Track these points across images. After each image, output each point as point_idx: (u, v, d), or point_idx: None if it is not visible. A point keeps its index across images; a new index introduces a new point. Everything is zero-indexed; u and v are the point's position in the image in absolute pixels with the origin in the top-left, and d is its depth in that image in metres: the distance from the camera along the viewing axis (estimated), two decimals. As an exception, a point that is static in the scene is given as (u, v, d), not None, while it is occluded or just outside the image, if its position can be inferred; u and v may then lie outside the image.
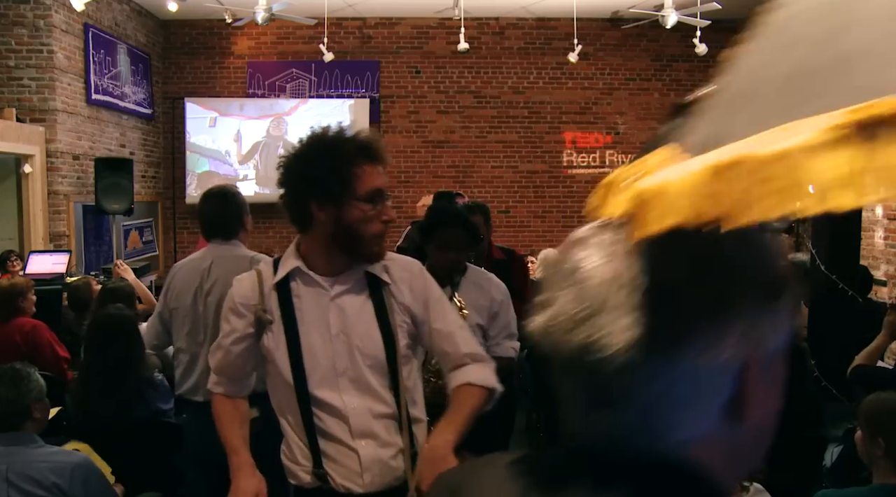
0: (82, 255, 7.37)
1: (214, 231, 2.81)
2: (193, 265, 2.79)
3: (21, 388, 2.21)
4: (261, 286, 1.72)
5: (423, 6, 9.15)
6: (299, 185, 1.62)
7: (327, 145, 1.61)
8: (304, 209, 1.61)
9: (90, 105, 7.57)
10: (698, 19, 7.56)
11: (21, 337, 3.75)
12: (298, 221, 1.67)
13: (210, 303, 2.69)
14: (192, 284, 2.73)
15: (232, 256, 2.75)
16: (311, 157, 1.64)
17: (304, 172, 1.61)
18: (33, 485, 2.06)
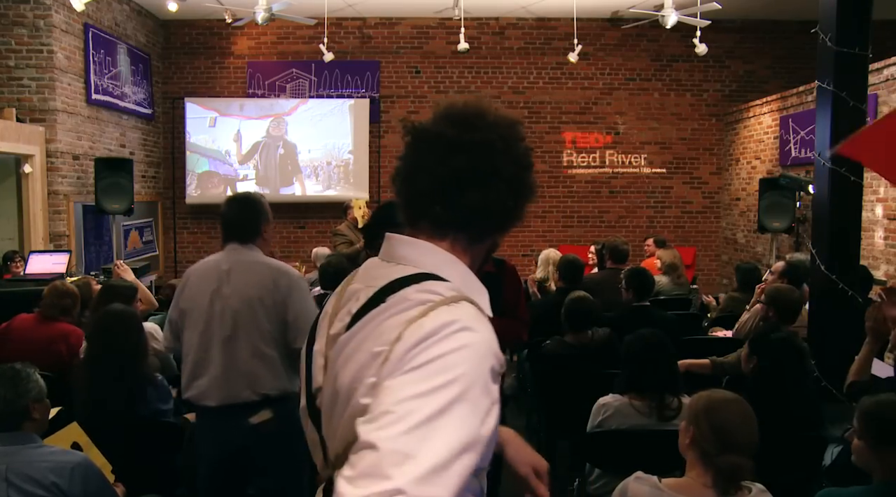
0: (82, 255, 7.38)
1: (232, 234, 2.80)
2: (210, 267, 2.76)
3: (20, 388, 2.21)
4: None
5: (423, 6, 9.15)
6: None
7: None
8: None
9: (90, 105, 7.58)
10: (698, 19, 7.56)
11: (66, 346, 3.71)
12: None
13: (227, 308, 2.65)
14: (210, 286, 2.70)
15: (252, 262, 2.73)
16: None
17: None
18: (33, 484, 2.06)
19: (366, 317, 1.03)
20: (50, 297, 3.84)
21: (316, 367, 1.14)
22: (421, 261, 1.07)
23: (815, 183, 3.95)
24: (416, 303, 0.99)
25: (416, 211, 1.12)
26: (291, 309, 2.66)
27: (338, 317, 1.11)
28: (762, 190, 7.71)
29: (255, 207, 2.81)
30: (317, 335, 1.17)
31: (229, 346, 2.64)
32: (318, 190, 9.58)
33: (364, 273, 1.16)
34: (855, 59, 3.62)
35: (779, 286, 4.16)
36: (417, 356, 0.92)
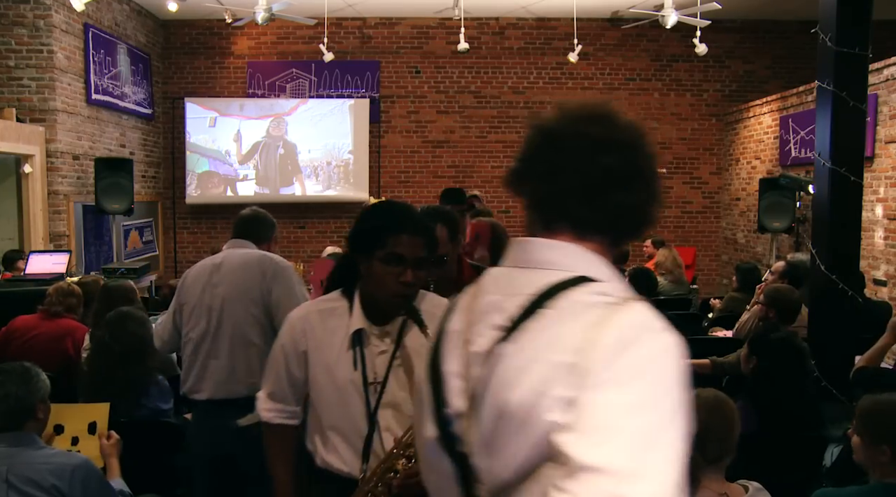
0: (82, 255, 7.38)
1: (237, 232, 2.91)
2: (205, 263, 2.85)
3: (30, 385, 2.21)
4: None
5: (423, 6, 9.15)
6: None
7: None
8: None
9: (90, 105, 7.57)
10: (698, 19, 7.56)
11: (72, 343, 3.74)
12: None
13: (216, 297, 2.72)
14: (202, 279, 2.78)
15: (242, 253, 2.82)
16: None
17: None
18: (33, 486, 2.06)
19: (527, 327, 0.94)
20: (55, 295, 3.88)
21: (451, 390, 1.02)
22: (570, 263, 0.99)
23: (815, 183, 3.95)
24: (591, 305, 0.91)
25: (555, 212, 1.03)
26: (275, 293, 2.71)
27: (476, 332, 1.01)
28: (762, 190, 7.71)
29: (268, 220, 2.99)
30: (444, 355, 1.05)
31: (216, 336, 2.70)
32: (318, 190, 9.58)
33: (495, 282, 1.06)
34: (855, 59, 3.62)
35: (778, 286, 4.16)
36: (619, 364, 0.85)
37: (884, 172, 6.20)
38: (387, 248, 1.69)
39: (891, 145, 6.13)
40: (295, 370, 1.82)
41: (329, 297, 1.87)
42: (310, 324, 1.82)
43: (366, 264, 1.74)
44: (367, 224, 1.76)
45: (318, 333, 1.80)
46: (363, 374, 1.75)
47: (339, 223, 9.81)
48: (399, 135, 9.81)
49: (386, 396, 1.75)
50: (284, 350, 1.84)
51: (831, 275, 3.64)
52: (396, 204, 1.85)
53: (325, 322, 1.81)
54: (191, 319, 2.76)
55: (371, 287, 1.75)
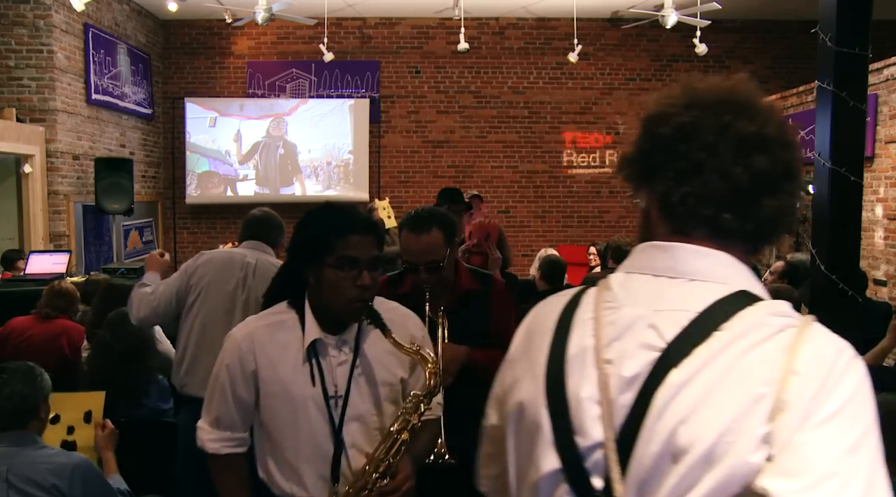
0: (82, 255, 7.38)
1: (254, 233, 2.89)
2: (233, 257, 2.81)
3: (35, 384, 2.21)
4: None
5: (423, 6, 9.15)
6: None
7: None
8: None
9: (90, 105, 7.58)
10: (698, 19, 7.56)
11: (67, 342, 3.75)
12: None
13: (251, 299, 2.71)
14: (235, 274, 2.74)
15: (273, 260, 2.83)
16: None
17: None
18: (33, 486, 2.06)
19: (700, 352, 0.82)
20: (47, 296, 3.87)
21: (588, 417, 0.87)
22: (725, 276, 0.88)
23: (815, 183, 3.94)
24: (775, 329, 0.81)
25: (693, 217, 0.90)
26: None
27: (619, 351, 0.87)
28: (762, 190, 7.70)
29: (281, 226, 3.00)
30: (570, 376, 0.90)
31: None
32: (318, 190, 9.58)
33: (629, 292, 0.92)
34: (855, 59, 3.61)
35: (778, 286, 4.16)
36: (829, 398, 0.76)
37: (884, 172, 6.20)
38: (337, 253, 1.59)
39: (891, 145, 6.13)
40: (243, 393, 1.66)
41: (274, 311, 1.74)
42: (258, 340, 1.66)
43: (315, 273, 1.63)
44: (311, 230, 1.64)
45: (269, 349, 1.65)
46: (323, 388, 1.63)
47: (339, 223, 9.80)
48: (399, 135, 9.81)
49: (350, 410, 1.63)
50: (230, 371, 1.67)
51: (831, 275, 3.63)
52: (336, 205, 1.72)
53: (274, 336, 1.67)
54: (213, 313, 2.71)
55: (325, 296, 1.63)
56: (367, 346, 1.68)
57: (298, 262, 1.66)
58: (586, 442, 0.87)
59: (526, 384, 0.94)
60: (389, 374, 1.70)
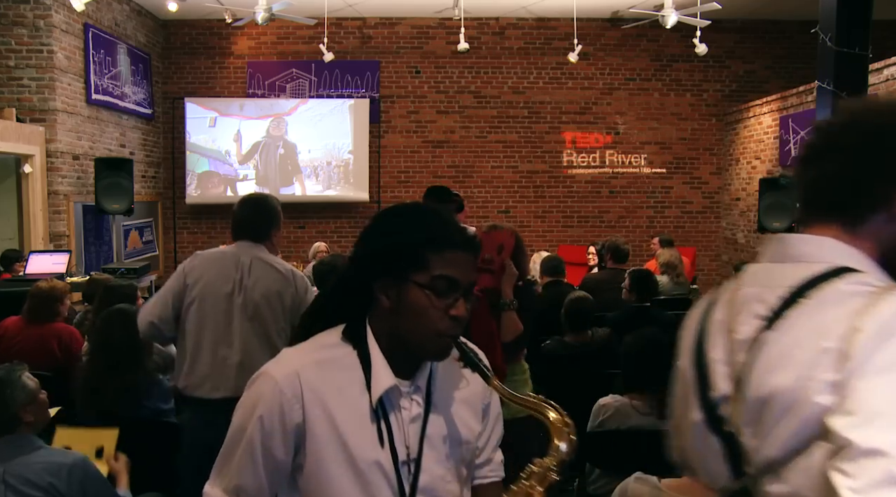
0: (82, 255, 7.38)
1: (244, 232, 2.83)
2: (228, 257, 2.76)
3: (5, 396, 2.16)
4: None
5: (423, 6, 9.15)
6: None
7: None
8: None
9: (90, 105, 7.57)
10: (698, 19, 7.56)
11: (58, 344, 3.73)
12: None
13: (249, 300, 2.69)
14: (230, 276, 2.71)
15: (270, 259, 2.80)
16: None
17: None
18: (29, 486, 2.05)
19: (789, 315, 1.00)
20: (31, 301, 3.80)
21: (717, 375, 1.08)
22: (828, 256, 1.03)
23: (815, 183, 3.94)
24: (853, 294, 0.96)
25: (835, 209, 1.06)
26: (304, 307, 2.69)
27: (739, 321, 1.07)
28: (762, 190, 7.71)
29: (271, 212, 2.88)
30: (709, 344, 1.11)
31: (245, 339, 2.67)
32: (318, 190, 9.58)
33: (754, 276, 1.11)
34: (855, 59, 3.62)
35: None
36: (882, 353, 0.90)
37: (884, 172, 6.19)
38: (431, 270, 1.21)
39: (891, 145, 6.13)
40: (279, 452, 1.24)
41: (322, 342, 1.30)
42: (307, 383, 1.23)
43: (394, 293, 1.23)
44: (399, 238, 1.25)
45: (323, 396, 1.23)
46: (393, 450, 1.25)
47: (338, 223, 9.82)
48: (399, 135, 9.81)
49: (423, 477, 1.27)
50: (265, 424, 1.23)
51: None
52: (429, 209, 1.34)
53: (328, 378, 1.24)
54: (211, 315, 2.68)
55: (405, 324, 1.23)
56: (439, 394, 1.31)
57: (369, 274, 1.26)
58: (716, 394, 1.08)
59: (684, 353, 1.17)
60: (467, 429, 1.34)
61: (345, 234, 9.78)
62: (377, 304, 1.26)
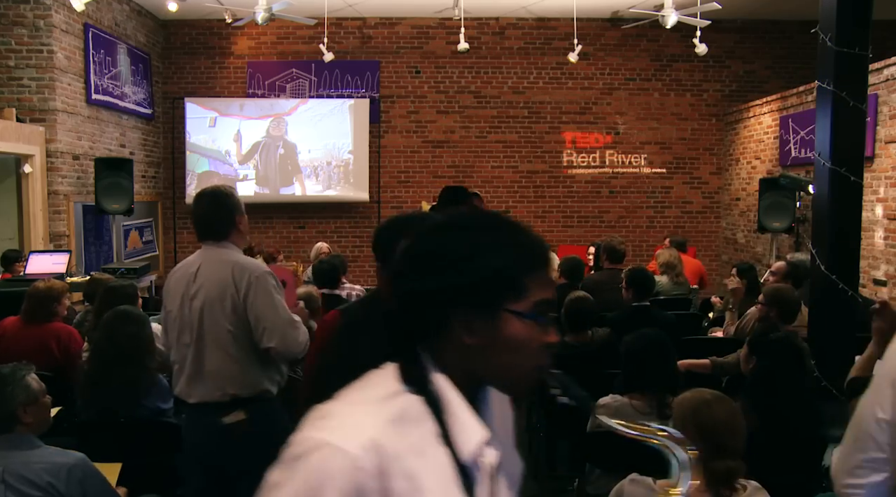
0: (82, 255, 7.38)
1: (205, 233, 2.78)
2: (184, 269, 2.77)
3: (4, 393, 2.16)
4: None
5: (423, 6, 9.15)
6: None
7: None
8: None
9: (90, 105, 7.57)
10: (698, 19, 7.56)
11: (57, 344, 3.72)
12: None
13: (195, 307, 2.64)
14: (181, 288, 2.70)
15: (218, 261, 2.69)
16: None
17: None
18: (28, 485, 2.05)
19: None
20: (28, 302, 3.80)
21: None
22: None
23: (815, 183, 3.95)
24: None
25: None
26: (252, 309, 2.59)
27: None
28: (762, 190, 7.71)
29: (227, 202, 2.76)
30: None
31: (198, 347, 2.65)
32: (318, 190, 9.58)
33: None
34: (855, 59, 3.62)
35: (779, 286, 4.16)
36: None
37: (884, 172, 6.20)
38: (531, 296, 1.00)
39: (891, 145, 6.13)
40: None
41: (382, 391, 0.98)
42: (390, 452, 0.92)
43: (482, 325, 0.98)
44: (487, 261, 0.99)
45: (406, 462, 0.93)
46: None
47: (338, 223, 9.81)
48: (399, 135, 9.81)
49: None
50: None
51: (831, 275, 3.63)
52: (506, 219, 1.11)
53: (406, 439, 0.94)
54: (175, 328, 2.71)
55: (499, 361, 1.00)
56: (494, 429, 1.05)
57: (442, 309, 0.98)
58: None
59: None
60: (519, 465, 1.14)
61: (345, 234, 9.78)
62: (447, 341, 0.99)
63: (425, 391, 0.97)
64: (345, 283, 5.34)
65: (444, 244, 1.01)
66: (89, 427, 2.95)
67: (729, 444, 1.89)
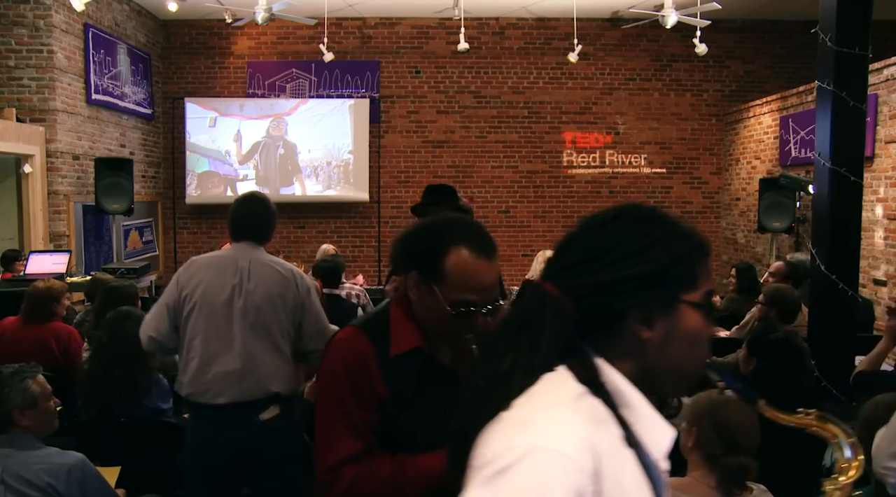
0: (82, 255, 7.38)
1: (249, 233, 2.76)
2: (225, 262, 2.69)
3: (1, 394, 2.16)
4: None
5: (423, 6, 9.15)
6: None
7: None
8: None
9: (90, 105, 7.58)
10: (698, 19, 7.56)
11: (56, 344, 3.72)
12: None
13: (250, 304, 2.61)
14: (229, 280, 2.64)
15: (268, 261, 2.73)
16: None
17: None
18: (28, 486, 2.05)
19: None
20: (27, 302, 3.79)
21: None
22: None
23: (815, 183, 3.95)
24: None
25: None
26: (308, 311, 2.71)
27: None
28: (762, 190, 7.71)
29: (273, 213, 2.86)
30: None
31: (249, 343, 2.61)
32: (318, 190, 9.58)
33: None
34: (855, 59, 3.62)
35: (779, 286, 4.16)
36: None
37: (884, 172, 6.20)
38: (702, 285, 0.97)
39: (891, 145, 6.13)
40: None
41: (568, 392, 0.91)
42: (601, 450, 0.86)
43: (661, 318, 0.94)
44: (669, 246, 0.95)
45: (612, 466, 0.87)
46: None
47: (338, 223, 9.81)
48: (399, 135, 9.81)
49: None
50: None
51: (831, 275, 3.63)
52: (655, 207, 1.04)
53: (607, 440, 0.88)
54: (213, 321, 2.62)
55: (676, 356, 0.95)
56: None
57: (624, 297, 0.93)
58: None
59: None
60: None
61: (345, 234, 9.78)
62: (622, 337, 0.94)
63: (604, 391, 0.92)
64: (344, 283, 5.35)
65: (620, 234, 0.96)
66: (89, 427, 2.95)
67: (744, 443, 1.90)
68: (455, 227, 1.52)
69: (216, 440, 2.64)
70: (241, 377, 2.60)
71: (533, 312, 0.94)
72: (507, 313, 1.00)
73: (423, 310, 1.53)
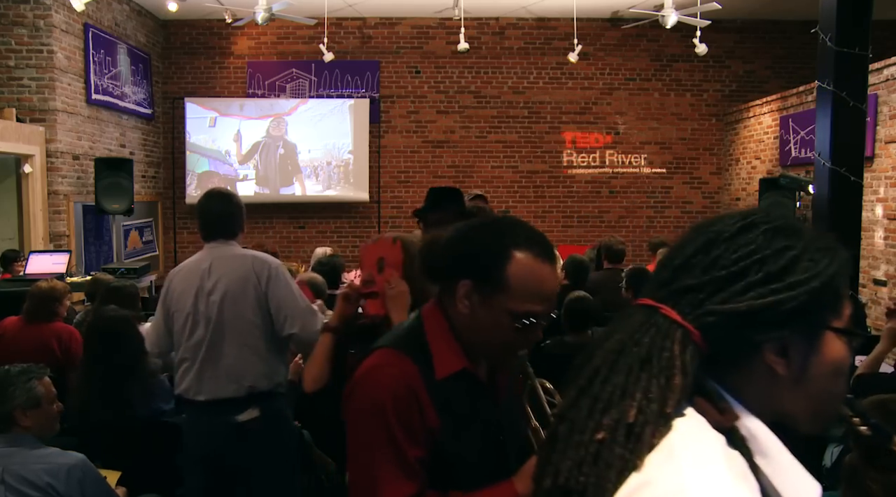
0: (82, 255, 7.38)
1: (215, 231, 2.79)
2: (191, 268, 2.77)
3: (5, 393, 2.16)
4: None
5: (423, 6, 9.15)
6: None
7: None
8: None
9: (90, 105, 7.57)
10: (698, 19, 7.56)
11: (58, 344, 3.72)
12: None
13: (213, 301, 2.67)
14: (192, 286, 2.71)
15: (231, 255, 2.75)
16: None
17: None
18: (28, 486, 2.05)
19: None
20: (30, 302, 3.80)
21: None
22: None
23: (815, 183, 3.95)
24: None
25: None
26: (273, 297, 2.67)
27: None
28: (762, 190, 7.71)
29: (237, 202, 2.83)
30: None
31: (215, 342, 2.67)
32: (318, 190, 9.58)
33: None
34: (855, 59, 3.61)
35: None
36: None
37: (884, 172, 6.20)
38: (847, 307, 0.83)
39: (891, 145, 6.13)
40: None
41: (715, 446, 0.76)
42: None
43: (801, 347, 0.80)
44: (818, 265, 0.80)
45: None
46: None
47: (338, 223, 9.81)
48: (399, 135, 9.81)
49: None
50: None
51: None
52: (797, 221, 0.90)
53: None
54: (186, 326, 2.71)
55: (816, 394, 0.83)
56: None
57: (762, 327, 0.79)
58: None
59: None
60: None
61: (345, 234, 9.78)
62: (750, 373, 0.81)
63: (741, 440, 0.78)
64: (344, 283, 5.34)
65: (755, 250, 0.80)
66: (89, 427, 2.94)
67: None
68: (514, 229, 1.33)
69: (198, 436, 2.74)
70: (213, 375, 2.67)
71: (656, 345, 0.79)
72: (611, 342, 0.86)
73: (475, 323, 1.33)
